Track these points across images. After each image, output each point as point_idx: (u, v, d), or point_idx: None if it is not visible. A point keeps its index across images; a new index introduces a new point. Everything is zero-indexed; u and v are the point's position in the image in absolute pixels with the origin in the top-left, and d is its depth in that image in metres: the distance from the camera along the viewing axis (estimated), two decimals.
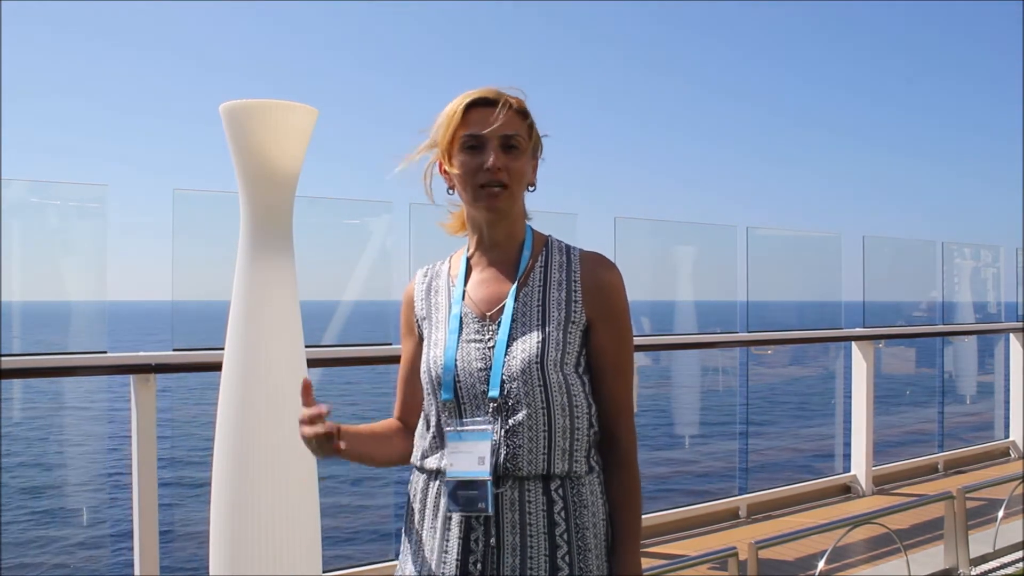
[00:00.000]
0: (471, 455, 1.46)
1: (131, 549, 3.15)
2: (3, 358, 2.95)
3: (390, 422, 1.67)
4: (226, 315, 1.56)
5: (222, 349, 1.56)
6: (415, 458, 1.60)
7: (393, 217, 4.30)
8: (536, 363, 1.47)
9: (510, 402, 1.47)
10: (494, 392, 1.47)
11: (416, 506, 1.57)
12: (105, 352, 3.19)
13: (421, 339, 1.63)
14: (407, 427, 1.65)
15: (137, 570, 3.09)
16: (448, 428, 1.51)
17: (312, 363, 1.73)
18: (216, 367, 1.63)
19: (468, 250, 1.63)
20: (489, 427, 1.47)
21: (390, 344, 3.83)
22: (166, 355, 3.27)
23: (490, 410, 1.48)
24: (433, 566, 1.50)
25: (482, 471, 1.45)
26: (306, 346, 1.64)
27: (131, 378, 3.12)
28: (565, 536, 1.47)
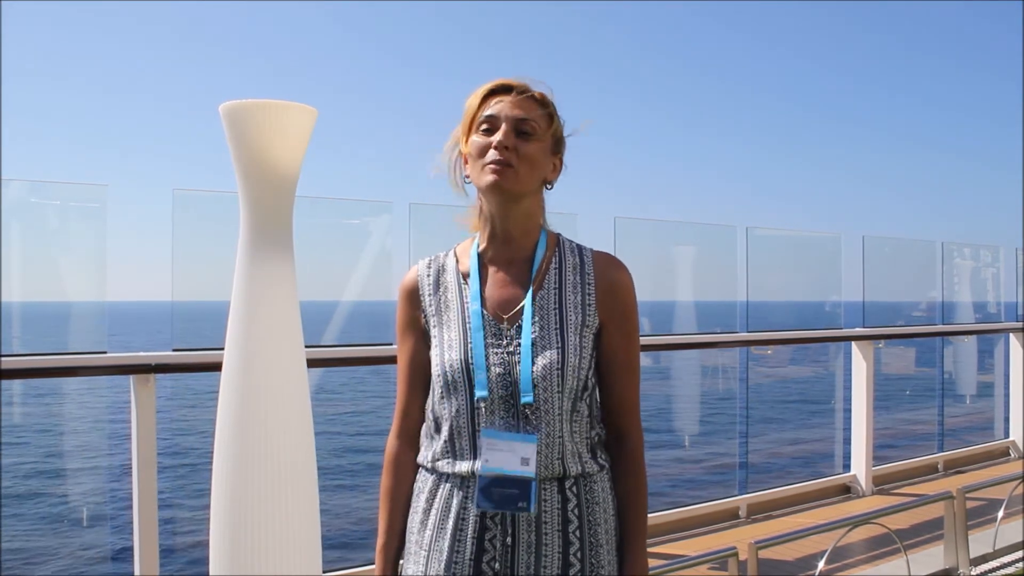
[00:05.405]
0: (511, 454, 1.45)
1: (130, 549, 3.16)
2: (3, 358, 2.95)
3: (397, 462, 1.61)
4: (226, 315, 1.56)
5: (222, 349, 1.55)
6: (423, 459, 1.57)
7: (393, 217, 4.30)
8: (557, 370, 1.46)
9: (531, 407, 1.47)
10: (527, 398, 1.46)
11: (422, 506, 1.54)
12: (105, 352, 3.19)
13: (425, 335, 1.58)
14: (413, 440, 1.61)
15: (137, 570, 3.09)
16: (484, 424, 1.48)
17: (312, 363, 1.73)
18: (216, 367, 1.63)
19: (479, 245, 1.59)
20: (533, 432, 1.46)
21: (390, 344, 3.83)
22: (166, 355, 3.27)
23: (527, 415, 1.46)
24: (444, 566, 1.48)
25: (527, 471, 1.44)
26: (306, 346, 1.64)
27: (131, 378, 3.12)
28: (578, 533, 1.47)
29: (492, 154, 1.48)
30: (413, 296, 1.60)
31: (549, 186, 1.59)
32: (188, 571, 7.06)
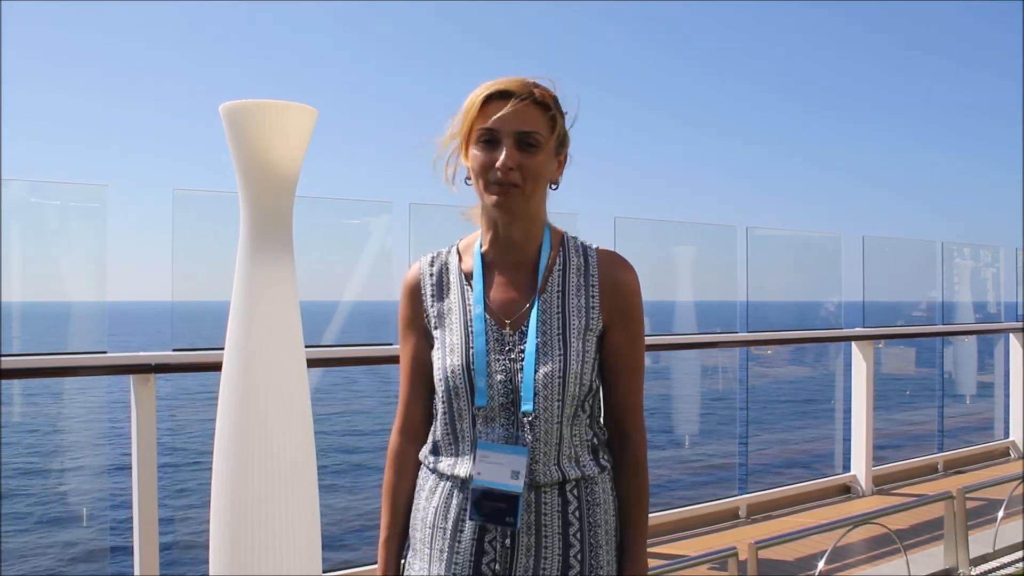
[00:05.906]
0: (502, 467, 1.43)
1: (130, 548, 3.16)
2: (3, 358, 2.95)
3: (400, 458, 1.59)
4: (226, 315, 1.56)
5: (222, 349, 1.55)
6: (425, 457, 1.57)
7: (393, 217, 4.30)
8: (559, 377, 1.45)
9: (531, 415, 1.45)
10: (528, 407, 1.44)
11: (423, 504, 1.54)
12: (105, 352, 3.19)
13: (427, 334, 1.56)
14: (415, 436, 1.60)
15: (137, 569, 3.09)
16: (481, 436, 1.47)
17: (312, 363, 1.73)
18: (216, 367, 1.63)
19: (482, 245, 1.56)
20: (526, 443, 1.44)
21: (390, 344, 3.83)
22: (166, 355, 3.27)
23: (525, 424, 1.45)
24: (443, 567, 1.48)
25: (515, 486, 1.42)
26: (306, 346, 1.64)
27: (131, 378, 3.12)
28: (578, 535, 1.47)
29: (496, 175, 1.45)
30: (415, 294, 1.58)
31: (554, 186, 1.56)
32: (167, 571, 7.09)
